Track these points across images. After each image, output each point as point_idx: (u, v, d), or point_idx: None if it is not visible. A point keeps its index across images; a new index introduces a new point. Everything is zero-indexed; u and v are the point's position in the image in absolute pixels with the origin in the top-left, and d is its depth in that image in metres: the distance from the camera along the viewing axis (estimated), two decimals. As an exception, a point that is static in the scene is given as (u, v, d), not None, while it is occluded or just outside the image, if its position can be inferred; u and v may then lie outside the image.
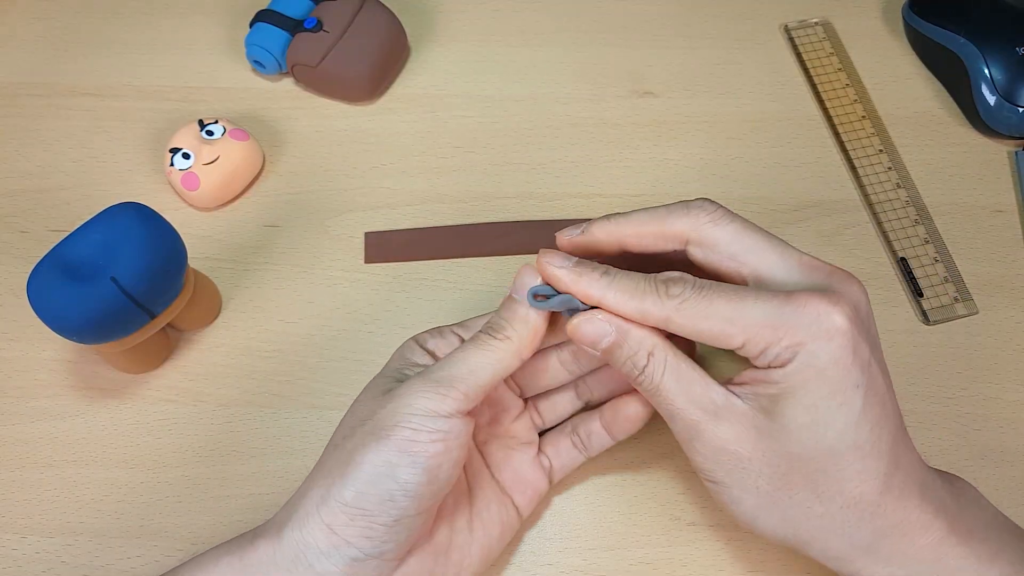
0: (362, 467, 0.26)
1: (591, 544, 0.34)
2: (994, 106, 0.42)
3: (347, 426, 0.29)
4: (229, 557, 0.28)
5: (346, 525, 0.26)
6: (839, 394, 0.26)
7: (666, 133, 0.44)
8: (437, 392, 0.27)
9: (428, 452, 0.27)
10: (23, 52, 0.47)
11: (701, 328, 0.26)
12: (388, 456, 0.26)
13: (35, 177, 0.43)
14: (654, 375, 0.27)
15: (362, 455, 0.27)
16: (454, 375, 0.28)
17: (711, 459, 0.27)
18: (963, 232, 0.41)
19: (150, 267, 0.32)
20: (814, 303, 0.26)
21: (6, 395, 0.37)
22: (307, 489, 0.28)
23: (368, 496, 0.26)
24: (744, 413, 0.27)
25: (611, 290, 0.28)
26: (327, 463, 0.28)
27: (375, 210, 0.42)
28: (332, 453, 0.28)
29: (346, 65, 0.43)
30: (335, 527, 0.26)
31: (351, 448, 0.27)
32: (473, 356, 0.28)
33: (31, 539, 0.34)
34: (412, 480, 0.26)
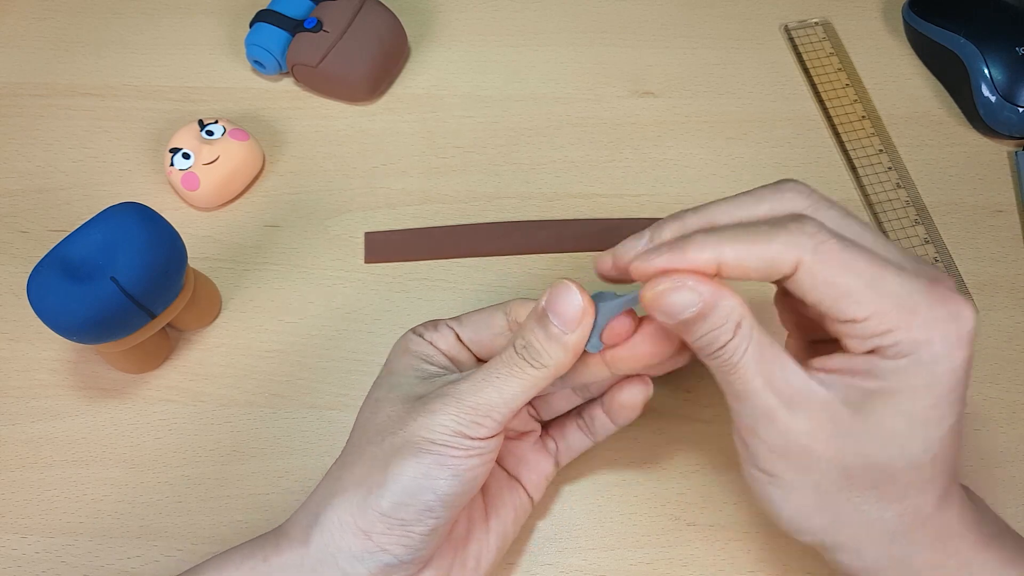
0: (400, 479, 0.26)
1: (591, 544, 0.34)
2: (994, 106, 0.42)
3: (372, 429, 0.28)
4: (252, 560, 0.28)
5: (383, 533, 0.27)
6: (942, 407, 0.24)
7: (666, 133, 0.44)
8: (473, 420, 0.27)
9: (466, 466, 0.27)
10: (23, 52, 0.47)
11: (837, 281, 0.23)
12: (427, 469, 0.27)
13: (35, 177, 0.43)
14: (737, 350, 0.24)
15: (400, 466, 0.27)
16: (491, 404, 0.27)
17: (776, 450, 0.25)
18: (963, 232, 0.41)
19: (150, 267, 0.32)
20: (955, 301, 0.23)
21: (6, 395, 0.37)
22: (333, 493, 0.28)
23: (407, 507, 0.26)
24: (825, 404, 0.24)
25: (726, 244, 0.24)
26: (356, 468, 0.28)
27: (375, 210, 0.42)
28: (359, 458, 0.28)
29: (346, 65, 0.43)
30: (372, 534, 0.27)
31: (385, 456, 0.27)
32: (508, 384, 0.27)
33: (32, 539, 0.34)
34: (451, 491, 0.27)
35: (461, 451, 0.27)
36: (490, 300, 0.39)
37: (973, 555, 0.26)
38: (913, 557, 0.26)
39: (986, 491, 0.30)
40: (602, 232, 0.41)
